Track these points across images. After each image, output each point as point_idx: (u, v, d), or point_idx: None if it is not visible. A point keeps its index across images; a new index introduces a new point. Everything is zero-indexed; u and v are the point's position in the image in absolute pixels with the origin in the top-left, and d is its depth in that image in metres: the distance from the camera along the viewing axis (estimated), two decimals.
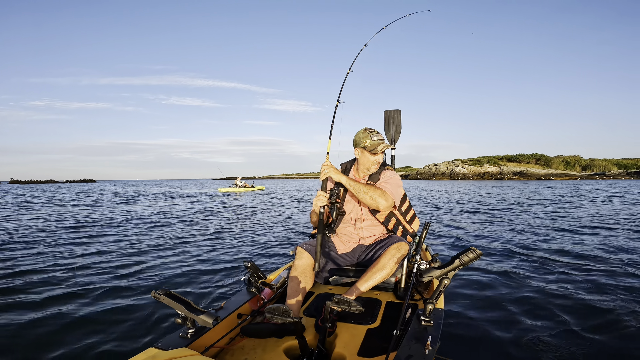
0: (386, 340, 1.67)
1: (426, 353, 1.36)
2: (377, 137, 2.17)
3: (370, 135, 2.17)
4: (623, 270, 3.74)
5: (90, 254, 4.94)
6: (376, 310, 1.95)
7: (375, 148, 2.15)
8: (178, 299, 1.52)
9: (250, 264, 2.04)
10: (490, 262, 4.26)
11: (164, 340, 1.52)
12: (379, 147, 2.15)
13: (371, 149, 2.16)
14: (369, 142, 2.16)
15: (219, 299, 3.14)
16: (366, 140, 2.16)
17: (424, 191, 22.79)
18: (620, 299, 2.94)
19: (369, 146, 2.16)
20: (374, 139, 2.16)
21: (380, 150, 2.16)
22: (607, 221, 7.78)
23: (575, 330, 2.40)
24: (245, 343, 1.70)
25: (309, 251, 2.14)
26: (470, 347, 2.20)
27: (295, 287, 2.00)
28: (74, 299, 3.16)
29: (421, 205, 12.60)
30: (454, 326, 2.48)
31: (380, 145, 2.15)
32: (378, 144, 2.16)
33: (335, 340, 1.69)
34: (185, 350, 1.40)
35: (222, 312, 1.81)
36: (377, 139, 2.16)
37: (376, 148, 2.15)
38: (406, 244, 2.08)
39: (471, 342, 2.27)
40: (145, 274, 3.95)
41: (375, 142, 2.16)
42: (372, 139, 2.16)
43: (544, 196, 16.74)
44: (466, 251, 1.64)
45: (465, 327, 2.47)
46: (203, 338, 1.58)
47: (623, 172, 67.94)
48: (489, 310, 2.76)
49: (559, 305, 2.83)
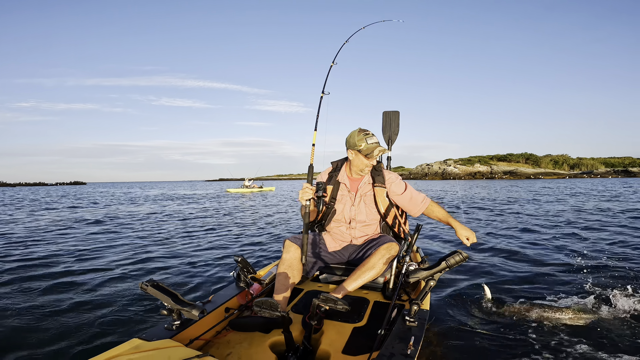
0: (371, 339, 1.68)
1: (408, 353, 1.37)
2: (373, 141, 2.09)
3: (366, 138, 2.08)
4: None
5: (88, 249, 4.88)
6: (363, 309, 1.95)
7: (371, 152, 2.08)
8: (165, 291, 1.51)
9: (240, 259, 2.04)
10: (478, 262, 4.32)
11: (149, 331, 1.52)
12: (375, 151, 2.08)
13: (366, 153, 2.08)
14: (364, 146, 2.08)
15: (208, 292, 3.13)
16: (361, 143, 2.08)
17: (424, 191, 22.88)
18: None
19: (364, 150, 2.08)
20: (369, 142, 2.08)
21: (375, 155, 2.09)
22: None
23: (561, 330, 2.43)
24: (231, 337, 1.70)
25: (297, 244, 2.11)
26: (454, 348, 2.21)
27: (283, 281, 1.99)
28: (58, 290, 3.19)
29: None
30: (439, 327, 2.48)
31: (375, 150, 2.08)
32: (374, 147, 2.08)
33: (321, 337, 1.70)
34: (169, 341, 1.40)
35: (209, 306, 1.80)
36: (372, 142, 2.09)
37: (372, 152, 2.08)
38: (396, 245, 2.06)
39: (456, 343, 2.27)
40: (136, 266, 3.96)
41: (371, 145, 2.08)
42: (367, 142, 2.08)
43: (529, 195, 16.97)
44: (452, 254, 1.67)
45: (451, 329, 2.46)
46: (188, 330, 1.57)
47: (610, 170, 69.32)
48: (475, 312, 2.76)
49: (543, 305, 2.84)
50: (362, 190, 2.24)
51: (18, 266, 4.16)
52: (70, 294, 3.15)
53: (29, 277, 3.66)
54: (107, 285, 3.37)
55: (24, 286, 3.37)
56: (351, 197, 2.24)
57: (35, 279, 3.62)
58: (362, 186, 2.24)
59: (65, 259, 4.58)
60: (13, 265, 4.22)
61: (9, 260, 4.49)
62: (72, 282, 3.48)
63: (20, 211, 12.65)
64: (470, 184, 36.67)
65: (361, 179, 2.25)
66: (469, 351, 2.17)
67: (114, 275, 3.67)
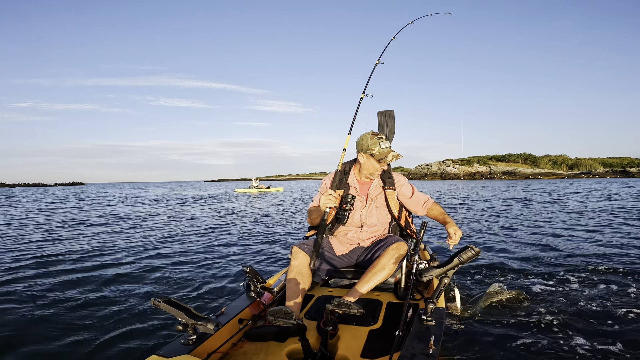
0: (389, 340, 1.68)
1: (430, 352, 1.36)
2: (386, 145, 2.09)
3: (379, 143, 2.07)
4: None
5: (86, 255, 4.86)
6: (377, 311, 1.95)
7: (385, 157, 2.08)
8: (178, 306, 1.50)
9: (249, 269, 2.03)
10: (490, 258, 4.33)
11: (166, 347, 1.50)
12: (388, 156, 2.08)
13: (380, 157, 2.08)
14: (377, 150, 2.07)
15: (219, 305, 3.09)
16: (374, 147, 2.07)
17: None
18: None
19: (377, 154, 2.08)
20: (383, 147, 2.07)
21: (389, 160, 2.09)
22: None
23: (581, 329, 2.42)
24: (248, 348, 1.70)
25: (305, 251, 2.09)
26: (472, 346, 2.20)
27: (293, 288, 1.98)
28: (66, 307, 3.07)
29: None
30: (455, 324, 2.48)
31: (389, 155, 2.08)
32: (387, 152, 2.08)
33: (337, 342, 1.69)
34: (188, 357, 1.39)
35: (222, 318, 1.79)
36: (385, 146, 2.08)
37: (385, 157, 2.08)
38: (405, 244, 2.05)
39: (473, 340, 2.27)
40: (144, 280, 3.90)
41: (384, 150, 2.08)
42: (381, 147, 2.07)
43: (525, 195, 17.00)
44: (465, 249, 1.65)
45: (467, 325, 2.47)
46: (205, 344, 1.56)
47: (609, 170, 69.54)
48: (491, 308, 2.78)
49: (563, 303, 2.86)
50: (373, 193, 2.24)
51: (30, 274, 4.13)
52: (77, 306, 3.05)
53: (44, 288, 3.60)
54: (117, 298, 3.26)
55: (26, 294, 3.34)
56: (361, 200, 2.23)
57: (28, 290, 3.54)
58: (372, 189, 2.24)
59: (71, 264, 4.56)
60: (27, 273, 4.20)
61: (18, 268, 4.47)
62: (78, 292, 3.42)
63: (41, 217, 12.54)
64: (469, 184, 36.76)
65: (371, 182, 2.25)
66: (481, 346, 2.19)
67: (115, 290, 3.54)
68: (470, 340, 2.27)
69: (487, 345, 2.21)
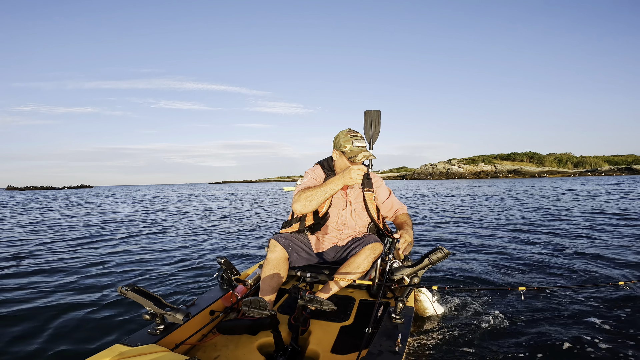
0: (359, 337, 1.70)
1: (397, 350, 1.38)
2: (359, 144, 2.00)
3: (352, 140, 2.00)
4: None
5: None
6: (350, 308, 1.97)
7: (355, 156, 1.99)
8: (146, 295, 1.49)
9: (223, 260, 2.03)
10: (461, 257, 4.32)
11: (131, 337, 1.49)
12: (359, 155, 1.98)
13: (350, 155, 2.00)
14: (349, 148, 2.00)
15: (192, 295, 3.07)
16: (347, 144, 2.00)
17: (426, 195, 22.72)
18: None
19: (348, 152, 2.00)
20: (355, 145, 1.99)
21: (359, 159, 1.99)
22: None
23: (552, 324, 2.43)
24: (218, 340, 1.70)
25: (282, 244, 2.06)
26: (440, 345, 2.21)
27: (268, 281, 1.97)
28: (34, 295, 3.06)
29: (421, 206, 12.63)
30: (424, 324, 2.49)
31: (360, 154, 1.98)
32: (359, 151, 1.99)
33: (309, 337, 1.71)
34: (154, 346, 1.36)
35: (193, 309, 1.79)
36: (358, 145, 2.00)
37: (355, 156, 1.99)
38: (380, 245, 2.04)
39: (441, 339, 2.28)
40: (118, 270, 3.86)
41: (356, 149, 2.00)
42: (353, 145, 1.99)
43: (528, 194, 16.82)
44: (435, 250, 1.69)
45: (435, 325, 2.47)
46: (173, 335, 1.56)
47: (614, 168, 68.59)
48: (460, 309, 2.78)
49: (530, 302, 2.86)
50: (352, 195, 2.22)
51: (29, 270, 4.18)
52: (35, 301, 2.97)
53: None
54: (79, 290, 3.24)
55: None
56: (342, 200, 2.22)
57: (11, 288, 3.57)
58: (351, 191, 2.22)
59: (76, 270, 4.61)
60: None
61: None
62: (32, 290, 3.30)
63: (141, 214, 12.62)
64: (476, 183, 36.52)
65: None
66: (453, 345, 2.19)
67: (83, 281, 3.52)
68: (437, 339, 2.28)
69: (453, 344, 2.21)
